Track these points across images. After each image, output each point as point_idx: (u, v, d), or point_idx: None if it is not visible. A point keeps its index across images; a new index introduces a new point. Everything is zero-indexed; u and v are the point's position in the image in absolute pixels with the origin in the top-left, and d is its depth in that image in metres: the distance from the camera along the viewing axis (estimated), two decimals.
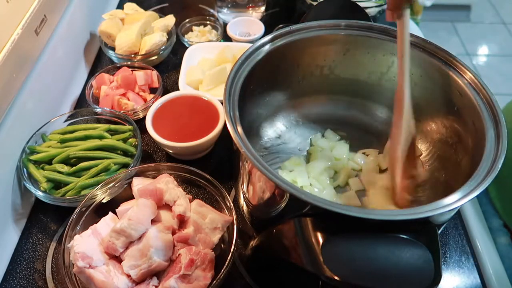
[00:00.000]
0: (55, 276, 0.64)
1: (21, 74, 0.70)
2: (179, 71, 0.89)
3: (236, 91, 0.60)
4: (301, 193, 0.47)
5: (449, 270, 0.65)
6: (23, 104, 0.71)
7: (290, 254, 0.49)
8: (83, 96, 0.91)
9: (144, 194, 0.60)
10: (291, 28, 0.68)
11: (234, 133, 0.53)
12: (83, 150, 0.70)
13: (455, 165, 0.64)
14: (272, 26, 1.00)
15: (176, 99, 0.79)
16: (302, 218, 0.48)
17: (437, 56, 0.66)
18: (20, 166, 0.69)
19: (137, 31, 0.90)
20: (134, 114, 0.82)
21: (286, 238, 0.52)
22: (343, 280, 0.43)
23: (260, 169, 0.49)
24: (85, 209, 0.61)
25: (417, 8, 2.42)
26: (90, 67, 0.98)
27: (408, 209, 0.48)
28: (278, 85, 0.74)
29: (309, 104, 0.79)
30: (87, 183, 0.67)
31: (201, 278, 0.55)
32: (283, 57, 0.69)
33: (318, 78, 0.76)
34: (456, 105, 0.64)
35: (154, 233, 0.56)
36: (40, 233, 0.69)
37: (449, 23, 2.83)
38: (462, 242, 0.68)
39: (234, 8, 1.08)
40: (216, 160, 0.79)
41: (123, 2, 1.06)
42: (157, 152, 0.81)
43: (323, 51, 0.72)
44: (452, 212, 0.57)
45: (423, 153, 0.72)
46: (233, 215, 0.60)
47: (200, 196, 0.67)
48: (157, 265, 0.55)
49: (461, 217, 0.72)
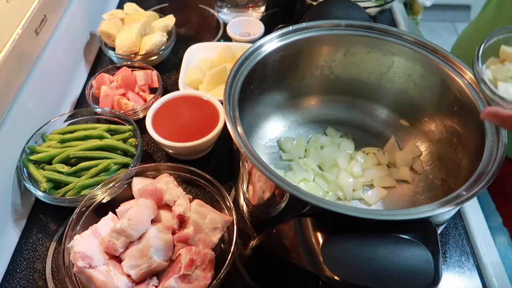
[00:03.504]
0: (55, 276, 0.64)
1: (21, 74, 0.70)
2: (179, 71, 0.89)
3: (236, 91, 0.60)
4: (301, 193, 0.48)
5: (449, 270, 0.65)
6: (23, 104, 0.71)
7: (290, 254, 0.50)
8: (83, 96, 0.91)
9: (144, 194, 0.60)
10: (291, 28, 0.68)
11: (234, 133, 0.53)
12: (83, 150, 0.70)
13: (455, 165, 0.64)
14: (272, 26, 1.00)
15: (176, 99, 0.79)
16: (302, 218, 0.48)
17: (437, 56, 0.66)
18: (20, 166, 0.69)
19: (137, 31, 0.90)
20: (134, 114, 0.82)
21: (286, 238, 0.52)
22: (343, 280, 0.43)
23: (260, 169, 0.49)
24: (85, 209, 0.61)
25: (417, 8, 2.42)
26: (90, 67, 0.98)
27: (408, 209, 0.48)
28: (278, 85, 0.74)
29: (309, 104, 0.79)
30: (87, 183, 0.67)
31: (201, 278, 0.55)
32: (283, 57, 0.69)
33: (318, 78, 0.76)
34: (456, 105, 0.64)
35: (154, 233, 0.56)
36: (40, 233, 0.69)
37: (449, 23, 2.83)
38: (462, 242, 0.68)
39: (234, 8, 1.08)
40: (216, 160, 0.79)
41: (123, 2, 1.06)
42: (157, 152, 0.81)
43: (323, 51, 0.72)
44: (452, 212, 0.57)
45: (423, 153, 0.72)
46: (233, 215, 0.60)
47: (200, 196, 0.67)
48: (157, 265, 0.55)
49: (461, 217, 0.72)
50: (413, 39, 0.67)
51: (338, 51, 0.72)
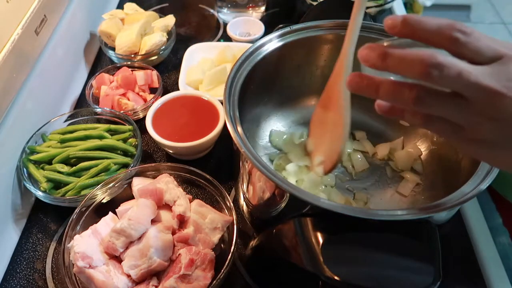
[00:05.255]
0: (55, 276, 0.64)
1: (21, 74, 0.70)
2: (179, 71, 0.89)
3: (236, 91, 0.60)
4: (301, 193, 0.48)
5: (449, 270, 0.65)
6: (23, 104, 0.71)
7: (290, 254, 0.50)
8: (83, 96, 0.91)
9: (144, 194, 0.60)
10: (291, 28, 0.68)
11: (234, 133, 0.53)
12: (83, 150, 0.70)
13: (456, 165, 0.64)
14: (272, 26, 1.00)
15: (176, 99, 0.79)
16: (302, 218, 0.48)
17: None
18: (20, 166, 0.69)
19: (137, 31, 0.90)
20: (134, 114, 0.82)
21: (286, 238, 0.52)
22: (343, 280, 0.43)
23: (260, 169, 0.49)
24: (85, 209, 0.61)
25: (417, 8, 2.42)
26: (90, 67, 0.98)
27: (408, 209, 0.48)
28: (278, 85, 0.74)
29: (309, 104, 0.79)
30: (87, 183, 0.67)
31: (201, 278, 0.55)
32: (283, 57, 0.69)
33: (318, 78, 0.76)
34: None
35: (154, 233, 0.56)
36: (40, 233, 0.69)
37: None
38: (462, 242, 0.68)
39: (234, 8, 1.08)
40: (216, 160, 0.79)
41: (123, 2, 1.06)
42: (157, 152, 0.81)
43: (323, 51, 0.72)
44: (452, 212, 0.57)
45: (423, 153, 0.72)
46: (233, 215, 0.60)
47: (200, 196, 0.67)
48: (157, 265, 0.55)
49: (461, 217, 0.71)
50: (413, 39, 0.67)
51: (338, 51, 0.72)
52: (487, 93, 0.34)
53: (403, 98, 0.35)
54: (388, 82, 0.36)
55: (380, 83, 0.36)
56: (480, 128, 0.36)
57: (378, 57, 0.35)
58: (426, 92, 0.35)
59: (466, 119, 0.36)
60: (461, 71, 0.33)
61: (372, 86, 0.37)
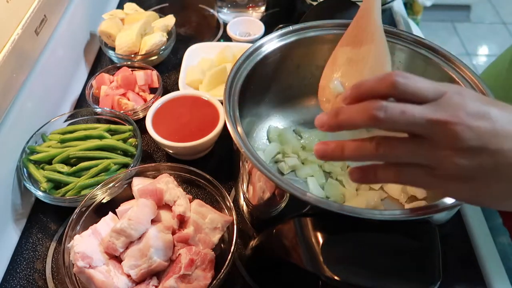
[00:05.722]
0: (55, 276, 0.64)
1: (21, 74, 0.70)
2: (179, 71, 0.89)
3: (236, 91, 0.60)
4: (301, 193, 0.48)
5: (449, 270, 0.65)
6: (23, 104, 0.71)
7: (290, 254, 0.50)
8: (83, 96, 0.91)
9: (144, 194, 0.60)
10: (291, 28, 0.68)
11: (234, 133, 0.53)
12: (83, 150, 0.70)
13: None
14: (272, 26, 1.00)
15: (176, 99, 0.79)
16: (302, 218, 0.48)
17: (437, 56, 0.66)
18: (20, 166, 0.69)
19: (137, 31, 0.90)
20: (134, 114, 0.82)
21: (286, 238, 0.52)
22: (343, 280, 0.43)
23: (260, 169, 0.49)
24: (85, 209, 0.61)
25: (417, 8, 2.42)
26: (90, 67, 0.98)
27: (408, 209, 0.48)
28: (278, 86, 0.74)
29: (309, 104, 0.79)
30: (87, 183, 0.67)
31: (201, 278, 0.55)
32: (283, 57, 0.69)
33: (318, 78, 0.75)
34: None
35: (154, 233, 0.56)
36: (40, 233, 0.69)
37: (449, 23, 2.83)
38: (462, 242, 0.68)
39: (234, 8, 1.08)
40: (216, 160, 0.79)
41: (123, 2, 1.06)
42: (157, 152, 0.81)
43: (323, 51, 0.72)
44: (452, 212, 0.57)
45: None
46: (233, 215, 0.60)
47: (200, 196, 0.67)
48: (157, 265, 0.55)
49: (461, 217, 0.71)
50: (413, 39, 0.67)
51: None
52: (438, 125, 0.35)
53: (367, 149, 0.38)
54: (351, 140, 0.39)
55: (344, 143, 0.39)
56: (451, 161, 0.36)
57: (331, 116, 0.39)
58: (385, 138, 0.37)
59: (433, 156, 0.37)
60: (404, 109, 0.35)
61: (338, 147, 0.39)
